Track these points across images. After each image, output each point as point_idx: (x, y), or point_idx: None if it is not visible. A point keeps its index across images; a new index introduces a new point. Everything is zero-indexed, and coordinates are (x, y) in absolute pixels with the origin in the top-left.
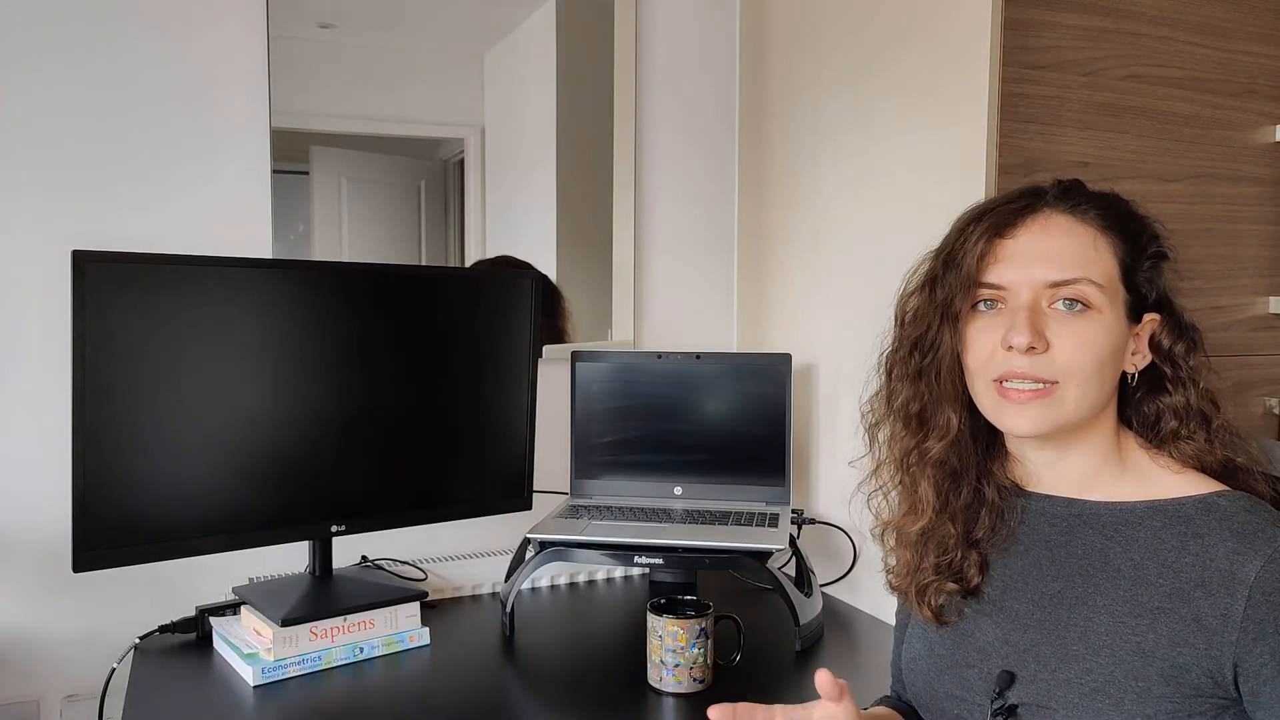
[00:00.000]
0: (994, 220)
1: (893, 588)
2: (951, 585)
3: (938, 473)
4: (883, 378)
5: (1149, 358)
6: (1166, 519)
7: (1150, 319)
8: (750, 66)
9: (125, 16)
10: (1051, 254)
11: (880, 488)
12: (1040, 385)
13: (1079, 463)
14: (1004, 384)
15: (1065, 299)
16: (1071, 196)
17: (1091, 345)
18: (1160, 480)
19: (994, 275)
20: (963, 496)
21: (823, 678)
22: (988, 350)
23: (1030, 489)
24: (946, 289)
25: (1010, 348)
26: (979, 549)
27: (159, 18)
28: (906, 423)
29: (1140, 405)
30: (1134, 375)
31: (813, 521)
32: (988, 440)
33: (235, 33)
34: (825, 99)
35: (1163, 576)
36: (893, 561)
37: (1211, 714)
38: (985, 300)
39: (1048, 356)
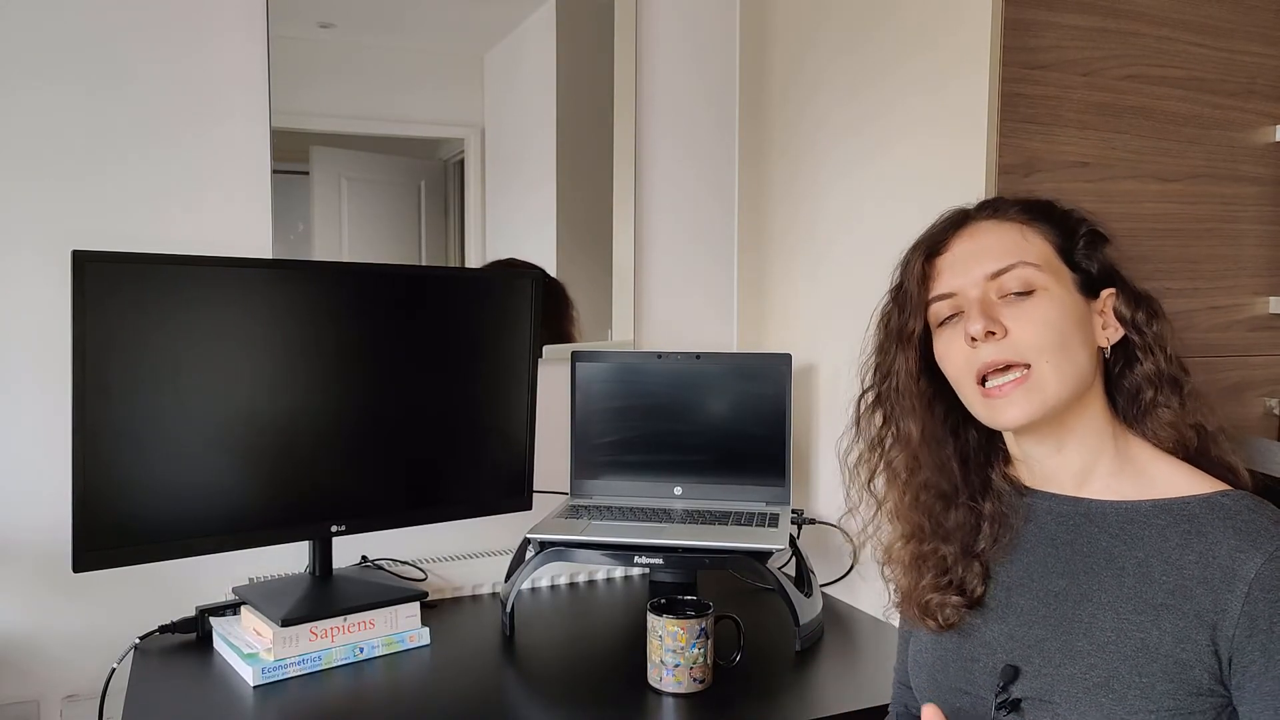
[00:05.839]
0: (926, 244)
1: (898, 609)
2: (955, 599)
3: (925, 496)
4: (853, 415)
5: (1120, 330)
6: (1171, 518)
7: (1107, 293)
8: (750, 65)
9: (127, 19)
10: (984, 250)
11: (870, 520)
12: (1016, 373)
13: (1077, 451)
14: (985, 384)
15: (1013, 290)
16: (992, 204)
17: (1046, 320)
18: (1162, 477)
19: (940, 286)
20: (953, 517)
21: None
22: (959, 354)
23: (1033, 486)
24: (898, 317)
25: (973, 339)
26: (981, 559)
27: (160, 19)
28: (873, 448)
29: (1121, 382)
30: (1109, 351)
31: (813, 521)
32: (986, 453)
33: (235, 33)
34: (826, 96)
35: (1166, 574)
36: (895, 584)
37: (1212, 713)
38: (948, 318)
39: (1010, 340)
